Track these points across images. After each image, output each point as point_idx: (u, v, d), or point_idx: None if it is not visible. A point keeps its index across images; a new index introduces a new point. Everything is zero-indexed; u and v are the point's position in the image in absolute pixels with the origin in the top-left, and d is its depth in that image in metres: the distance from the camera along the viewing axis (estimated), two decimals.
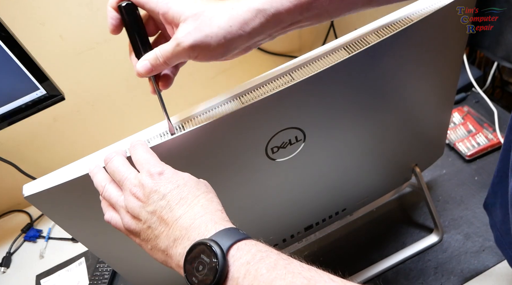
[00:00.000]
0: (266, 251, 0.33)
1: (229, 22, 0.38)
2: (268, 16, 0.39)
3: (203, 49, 0.39)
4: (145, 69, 0.41)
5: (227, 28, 0.38)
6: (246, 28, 0.39)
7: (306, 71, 0.46)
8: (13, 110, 0.74)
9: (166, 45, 0.40)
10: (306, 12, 0.40)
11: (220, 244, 0.32)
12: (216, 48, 0.39)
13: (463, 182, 0.83)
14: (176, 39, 0.39)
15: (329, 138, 0.54)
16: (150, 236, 0.37)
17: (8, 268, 0.90)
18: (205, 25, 0.38)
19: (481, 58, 1.07)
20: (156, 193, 0.36)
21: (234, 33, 0.38)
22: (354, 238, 0.78)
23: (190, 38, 0.38)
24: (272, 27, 0.40)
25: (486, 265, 0.69)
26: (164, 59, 0.40)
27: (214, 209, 0.37)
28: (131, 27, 0.41)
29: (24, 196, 0.41)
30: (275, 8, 0.39)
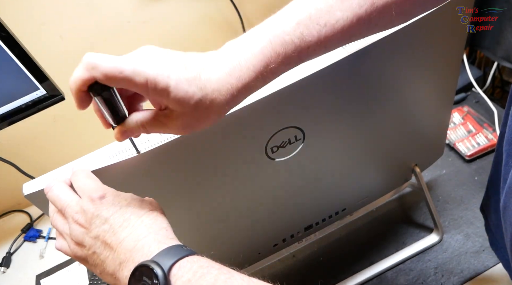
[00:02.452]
0: (208, 266, 0.33)
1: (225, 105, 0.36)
2: (256, 85, 0.37)
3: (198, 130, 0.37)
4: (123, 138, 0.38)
5: (223, 111, 0.36)
6: (236, 100, 0.37)
7: (305, 70, 0.46)
8: (13, 110, 0.74)
9: (160, 128, 0.36)
10: (292, 66, 0.38)
11: (161, 264, 0.32)
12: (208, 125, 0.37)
13: (463, 182, 0.83)
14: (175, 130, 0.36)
15: (328, 138, 0.54)
16: (97, 261, 0.36)
17: (8, 268, 0.90)
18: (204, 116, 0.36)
19: (481, 58, 1.07)
20: (98, 218, 0.36)
21: (228, 109, 0.37)
22: (354, 238, 0.78)
23: (189, 131, 0.36)
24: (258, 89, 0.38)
25: (486, 265, 0.69)
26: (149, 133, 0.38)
27: (158, 228, 0.36)
28: (108, 110, 0.36)
29: (24, 194, 0.41)
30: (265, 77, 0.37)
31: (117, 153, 0.44)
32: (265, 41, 0.36)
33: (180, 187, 0.48)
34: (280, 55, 0.36)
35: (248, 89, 0.37)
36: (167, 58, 0.34)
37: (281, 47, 0.36)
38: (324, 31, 0.37)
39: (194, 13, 0.92)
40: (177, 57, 0.35)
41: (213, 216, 0.55)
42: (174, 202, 0.49)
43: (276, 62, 0.36)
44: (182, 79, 0.33)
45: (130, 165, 0.43)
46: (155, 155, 0.43)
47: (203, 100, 0.34)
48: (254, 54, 0.36)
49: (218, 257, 0.57)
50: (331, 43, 0.38)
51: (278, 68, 0.37)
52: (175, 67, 0.34)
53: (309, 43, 0.37)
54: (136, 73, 0.32)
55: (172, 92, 0.33)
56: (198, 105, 0.34)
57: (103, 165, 0.42)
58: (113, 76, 0.32)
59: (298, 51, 0.37)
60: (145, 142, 0.44)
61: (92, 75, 0.32)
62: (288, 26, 0.36)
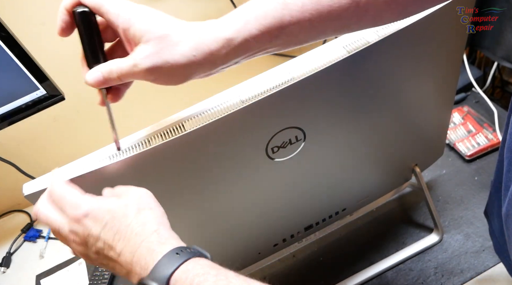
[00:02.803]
0: (204, 274, 0.33)
1: (194, 51, 0.36)
2: (235, 46, 0.37)
3: (161, 74, 0.37)
4: (96, 81, 0.38)
5: (190, 57, 0.36)
6: (210, 58, 0.37)
7: (307, 70, 0.46)
8: (13, 110, 0.74)
9: (122, 62, 0.37)
10: (276, 40, 0.38)
11: (158, 280, 0.33)
12: (175, 75, 0.37)
13: (463, 182, 0.83)
14: (134, 59, 0.37)
15: (329, 138, 0.54)
16: (109, 267, 0.38)
17: (8, 268, 0.90)
18: (167, 51, 0.36)
19: (481, 58, 1.07)
20: (90, 237, 0.36)
21: (197, 62, 0.37)
22: (354, 238, 0.78)
23: (148, 62, 0.36)
24: (239, 55, 0.38)
25: (486, 265, 0.69)
26: (118, 76, 0.38)
27: (149, 232, 0.36)
28: (85, 35, 0.38)
29: (24, 195, 0.41)
30: (243, 37, 0.37)
31: (117, 152, 0.44)
32: (246, 4, 0.38)
33: (181, 187, 0.48)
34: (259, 16, 0.37)
35: (224, 44, 0.37)
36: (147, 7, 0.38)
37: (261, 8, 0.37)
38: (309, 3, 0.37)
39: (194, 13, 0.92)
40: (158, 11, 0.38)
41: (213, 216, 0.55)
42: (174, 201, 0.49)
43: (255, 23, 0.37)
44: (154, 15, 0.37)
45: (130, 163, 0.43)
46: (154, 155, 0.43)
47: (170, 36, 0.36)
48: (233, 13, 0.38)
49: (218, 257, 0.57)
50: (316, 18, 0.37)
51: (258, 31, 0.37)
52: (150, 9, 0.38)
53: (291, 10, 0.37)
54: (113, 2, 0.37)
55: (140, 20, 0.36)
56: (164, 39, 0.36)
57: (94, 167, 0.41)
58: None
59: (280, 16, 0.37)
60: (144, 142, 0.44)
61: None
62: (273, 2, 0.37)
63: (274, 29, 0.37)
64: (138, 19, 0.36)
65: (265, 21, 0.37)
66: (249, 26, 0.37)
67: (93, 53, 0.38)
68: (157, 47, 0.36)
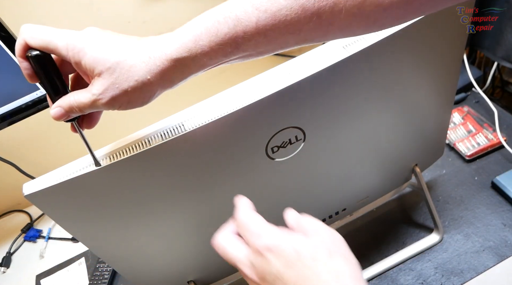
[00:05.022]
0: None
1: (147, 74, 0.36)
2: (188, 64, 0.36)
3: (123, 103, 0.37)
4: (58, 115, 0.38)
5: (145, 81, 0.36)
6: (166, 78, 0.36)
7: (306, 70, 0.46)
8: (13, 110, 0.74)
9: (82, 95, 0.37)
10: (232, 56, 0.37)
11: None
12: (136, 100, 0.37)
13: (463, 182, 0.83)
14: (93, 95, 0.36)
15: (329, 138, 0.54)
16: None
17: (8, 268, 0.90)
18: (122, 80, 0.36)
19: (481, 58, 1.07)
20: (269, 274, 0.34)
21: (154, 83, 0.36)
22: (354, 238, 0.78)
23: (107, 95, 0.36)
24: (194, 71, 0.37)
25: (486, 265, 0.69)
26: (80, 109, 0.37)
27: None
28: (43, 75, 0.38)
29: (24, 194, 0.41)
30: (195, 54, 0.36)
31: (117, 152, 0.44)
32: (197, 19, 0.37)
33: (180, 188, 0.48)
34: (211, 33, 0.35)
35: (173, 63, 0.36)
36: (98, 31, 0.37)
37: (213, 25, 0.35)
38: (264, 18, 0.35)
39: (194, 13, 0.91)
40: (107, 33, 0.37)
41: (213, 217, 0.55)
42: (172, 203, 0.49)
43: (207, 40, 0.35)
44: (102, 43, 0.36)
45: (134, 162, 0.43)
46: (154, 155, 0.43)
47: (121, 64, 0.35)
48: (183, 29, 0.36)
49: (216, 259, 0.57)
50: (273, 33, 0.36)
51: (210, 48, 0.36)
52: (101, 35, 0.37)
53: (245, 27, 0.35)
54: (58, 36, 0.36)
55: (89, 52, 0.35)
56: (115, 68, 0.35)
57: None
58: (38, 37, 0.36)
59: (233, 33, 0.35)
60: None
61: (23, 38, 0.36)
62: (225, 8, 0.36)
63: (228, 46, 0.36)
64: (87, 50, 0.36)
65: (217, 39, 0.35)
66: (201, 43, 0.35)
67: (53, 89, 0.39)
68: (112, 78, 0.36)
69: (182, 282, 0.61)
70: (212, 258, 0.60)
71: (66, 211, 0.45)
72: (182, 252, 0.57)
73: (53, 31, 0.36)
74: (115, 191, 0.45)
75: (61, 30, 0.36)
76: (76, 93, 0.37)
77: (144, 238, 0.52)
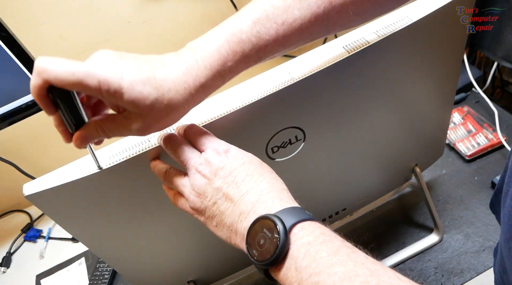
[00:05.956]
0: (330, 235, 0.33)
1: (184, 104, 0.36)
2: (216, 85, 0.38)
3: (157, 131, 0.38)
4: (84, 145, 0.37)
5: (182, 110, 0.37)
6: (197, 101, 0.38)
7: (307, 70, 0.46)
8: (13, 110, 0.74)
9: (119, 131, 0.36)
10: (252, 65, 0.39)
11: (284, 220, 0.33)
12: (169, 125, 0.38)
13: (463, 182, 0.83)
14: (135, 131, 0.36)
15: (329, 138, 0.54)
16: (216, 212, 0.37)
17: (8, 268, 0.90)
18: (162, 116, 0.36)
19: (481, 58, 1.07)
20: (223, 170, 0.37)
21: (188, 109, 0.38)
22: (354, 238, 0.78)
23: (149, 132, 0.37)
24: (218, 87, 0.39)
25: (486, 265, 0.69)
26: (110, 137, 0.37)
27: (280, 188, 0.37)
28: (66, 110, 0.35)
29: (24, 195, 0.41)
30: (224, 76, 0.37)
31: (119, 152, 0.44)
32: (222, 40, 0.37)
33: None
34: (237, 53, 0.37)
35: (206, 88, 0.37)
36: (121, 60, 0.34)
37: (238, 45, 0.37)
38: (282, 30, 0.38)
39: (194, 13, 0.92)
40: (132, 59, 0.35)
41: None
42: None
43: (233, 61, 0.37)
44: (136, 80, 0.34)
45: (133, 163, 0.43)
46: (151, 157, 0.43)
47: (160, 100, 0.35)
48: (211, 53, 0.36)
49: (216, 259, 0.57)
50: (290, 42, 0.39)
51: (236, 67, 0.37)
52: (128, 68, 0.34)
53: (267, 41, 0.37)
54: (88, 75, 0.32)
55: (126, 93, 0.33)
56: (154, 105, 0.35)
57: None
58: (65, 78, 0.32)
59: (256, 49, 0.37)
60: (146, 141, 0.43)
61: (44, 78, 0.32)
62: (245, 25, 0.37)
63: (251, 61, 0.38)
64: (124, 91, 0.33)
65: (243, 58, 0.37)
66: (229, 65, 0.37)
67: (76, 123, 0.36)
68: (151, 115, 0.35)
69: (182, 282, 0.61)
70: (212, 258, 0.60)
71: (66, 211, 0.45)
72: (182, 252, 0.57)
73: (77, 68, 0.32)
74: (115, 192, 0.45)
75: (83, 64, 0.33)
76: (110, 128, 0.36)
77: (144, 238, 0.52)
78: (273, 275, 0.33)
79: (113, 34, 0.86)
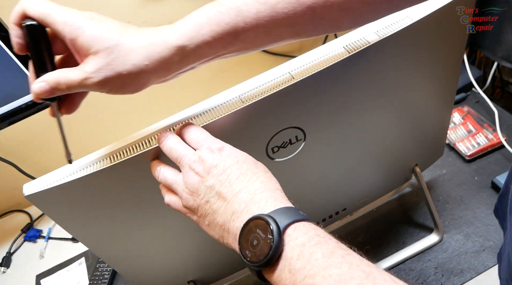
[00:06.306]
0: (325, 237, 0.33)
1: (146, 60, 0.35)
2: (188, 53, 0.37)
3: (114, 86, 0.36)
4: (42, 91, 0.36)
5: (143, 67, 0.35)
6: (163, 66, 0.36)
7: (307, 70, 0.46)
8: (13, 110, 0.74)
9: (72, 72, 0.36)
10: (230, 46, 0.38)
11: (277, 221, 0.32)
12: (129, 86, 0.37)
13: (463, 182, 0.83)
14: (85, 72, 0.35)
15: (329, 138, 0.54)
16: (208, 211, 0.37)
17: (8, 268, 0.90)
18: (119, 62, 0.35)
19: (481, 58, 1.07)
20: (216, 168, 0.37)
21: (150, 71, 0.36)
22: (354, 238, 0.78)
23: (100, 75, 0.35)
24: (193, 62, 0.38)
25: (486, 265, 0.69)
26: (68, 86, 0.36)
27: (274, 187, 0.37)
28: (33, 47, 0.36)
29: (24, 195, 0.41)
30: (196, 44, 0.36)
31: (119, 152, 0.44)
32: (199, 10, 0.37)
33: None
34: (212, 22, 0.36)
35: (176, 52, 0.36)
36: (96, 14, 0.36)
37: (215, 15, 0.37)
38: (264, 9, 0.37)
39: None
40: (107, 17, 0.37)
41: None
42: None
43: (208, 29, 0.36)
44: (102, 24, 0.35)
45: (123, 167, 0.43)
46: (151, 157, 0.43)
47: (120, 46, 0.35)
48: (185, 19, 0.37)
49: (216, 259, 0.57)
50: (271, 24, 0.38)
51: (212, 39, 0.37)
52: (99, 17, 0.36)
53: (246, 18, 0.37)
54: (58, 10, 0.35)
55: (88, 30, 0.35)
56: (113, 49, 0.35)
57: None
58: (38, 6, 0.35)
59: (234, 23, 0.37)
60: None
61: (22, 6, 0.35)
62: (226, 0, 0.37)
63: (228, 36, 0.37)
64: (86, 28, 0.35)
65: (219, 28, 0.37)
66: (203, 33, 0.36)
67: (40, 63, 0.37)
68: (108, 58, 0.35)
69: (182, 282, 0.61)
70: (212, 258, 0.60)
71: (66, 211, 0.45)
72: (182, 252, 0.57)
73: (54, 5, 0.35)
74: (115, 192, 0.45)
75: (62, 6, 0.35)
76: (65, 70, 0.36)
77: (144, 238, 0.52)
78: (267, 276, 0.33)
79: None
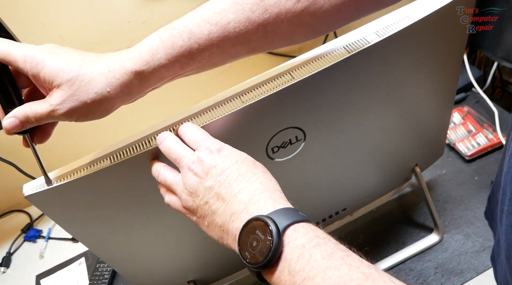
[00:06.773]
0: (324, 238, 0.33)
1: (107, 87, 0.37)
2: (146, 76, 0.38)
3: (81, 114, 0.37)
4: (12, 126, 0.37)
5: (105, 94, 0.37)
6: (125, 91, 0.38)
7: (307, 70, 0.46)
8: None
9: (39, 105, 0.37)
10: (187, 67, 0.39)
11: (277, 222, 0.32)
12: (95, 113, 0.38)
13: (463, 182, 0.83)
14: (51, 105, 0.36)
15: (329, 138, 0.54)
16: (207, 211, 0.37)
17: (8, 268, 0.90)
18: (82, 92, 0.36)
19: (481, 58, 1.07)
20: (215, 168, 0.37)
21: (113, 96, 0.37)
22: (354, 238, 0.78)
23: (66, 106, 0.36)
24: (154, 83, 0.39)
25: (486, 265, 0.69)
26: (36, 119, 0.37)
27: (273, 188, 0.37)
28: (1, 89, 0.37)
29: (24, 195, 0.41)
30: (153, 67, 0.38)
31: (116, 154, 0.44)
32: (154, 35, 0.38)
33: None
34: (167, 46, 0.38)
35: (135, 76, 0.37)
36: (54, 47, 0.37)
37: (169, 39, 0.38)
38: (216, 30, 0.38)
39: None
40: (65, 48, 0.38)
41: None
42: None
43: (164, 53, 0.38)
44: (61, 56, 0.37)
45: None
46: (150, 157, 0.43)
47: (82, 77, 0.36)
48: (141, 44, 0.38)
49: (216, 259, 0.57)
50: (225, 44, 0.39)
51: (168, 62, 0.38)
52: (57, 49, 0.37)
53: (199, 39, 0.38)
54: (16, 48, 0.36)
55: (48, 65, 0.36)
56: (75, 80, 0.36)
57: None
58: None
59: (188, 46, 0.38)
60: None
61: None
62: (178, 22, 0.39)
63: (184, 58, 0.38)
64: (46, 63, 0.36)
65: (174, 51, 0.38)
66: (158, 57, 0.38)
67: (8, 100, 0.38)
68: (71, 90, 0.36)
69: (182, 282, 0.61)
70: (212, 258, 0.60)
71: (66, 211, 0.45)
72: (182, 252, 0.57)
73: (12, 43, 0.36)
74: (115, 192, 0.45)
75: (19, 43, 0.37)
76: (32, 104, 0.37)
77: (144, 238, 0.52)
78: (266, 278, 0.33)
79: (113, 34, 0.86)
